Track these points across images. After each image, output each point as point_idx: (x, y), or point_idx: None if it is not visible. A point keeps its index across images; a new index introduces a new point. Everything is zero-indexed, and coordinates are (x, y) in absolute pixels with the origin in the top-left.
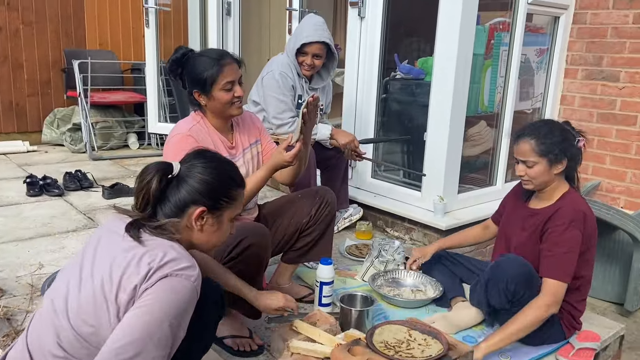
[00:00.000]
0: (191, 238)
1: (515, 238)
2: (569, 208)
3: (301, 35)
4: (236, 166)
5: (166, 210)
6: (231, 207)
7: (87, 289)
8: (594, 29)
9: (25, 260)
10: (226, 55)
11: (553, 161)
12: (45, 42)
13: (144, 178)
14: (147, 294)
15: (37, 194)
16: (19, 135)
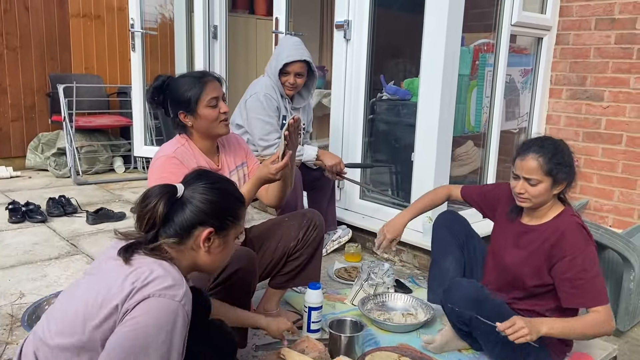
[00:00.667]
0: (196, 259)
1: (508, 257)
2: (574, 227)
3: (282, 55)
4: (237, 185)
5: (170, 232)
6: (237, 225)
7: (72, 307)
8: (576, 50)
9: (6, 290)
10: (207, 74)
11: (556, 181)
12: (30, 67)
13: (149, 202)
14: (130, 316)
15: (19, 221)
16: (2, 161)
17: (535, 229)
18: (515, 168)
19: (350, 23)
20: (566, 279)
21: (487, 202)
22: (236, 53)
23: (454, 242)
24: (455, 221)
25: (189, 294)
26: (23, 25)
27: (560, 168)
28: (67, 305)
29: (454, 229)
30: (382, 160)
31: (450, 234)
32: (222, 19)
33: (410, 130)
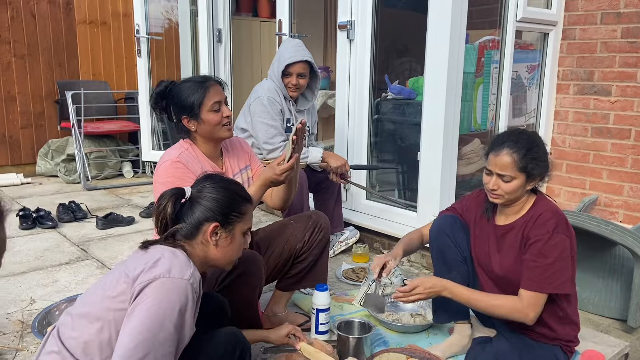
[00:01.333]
0: (207, 254)
1: (496, 265)
2: (549, 213)
3: (283, 57)
4: (242, 185)
5: (183, 231)
6: (242, 221)
7: (97, 287)
8: (583, 44)
9: (17, 296)
10: (209, 78)
11: (530, 177)
12: (38, 74)
13: (160, 204)
14: (143, 295)
15: (30, 227)
16: (13, 168)
17: (513, 226)
18: (488, 163)
19: (353, 23)
20: (524, 260)
21: (462, 218)
22: (241, 56)
23: (459, 256)
24: (458, 229)
25: (197, 274)
26: (30, 33)
27: (536, 164)
28: (94, 287)
29: (458, 239)
30: (388, 160)
31: (454, 245)
32: (226, 23)
33: (416, 129)
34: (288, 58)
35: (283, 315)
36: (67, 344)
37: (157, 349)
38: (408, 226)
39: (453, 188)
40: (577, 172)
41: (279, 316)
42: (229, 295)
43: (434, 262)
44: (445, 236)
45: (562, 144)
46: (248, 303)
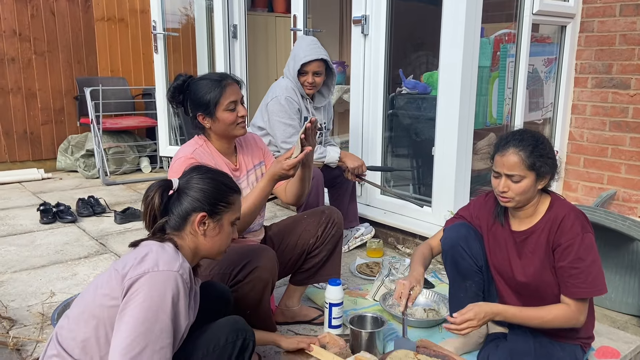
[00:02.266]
0: (197, 245)
1: (519, 273)
2: (572, 214)
3: (298, 56)
4: (230, 176)
5: (172, 223)
6: (229, 210)
7: (90, 288)
8: (602, 37)
9: (37, 289)
10: (227, 77)
11: (540, 175)
12: (58, 71)
13: (147, 196)
14: (134, 290)
15: (50, 222)
16: (34, 163)
17: (533, 230)
18: (495, 165)
19: (368, 18)
20: (562, 268)
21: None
22: (256, 52)
23: (474, 266)
24: (473, 239)
25: (186, 265)
26: (50, 30)
27: (544, 161)
28: (88, 288)
29: (473, 250)
30: (402, 155)
31: (469, 255)
32: (242, 18)
33: (431, 124)
34: (303, 57)
35: (296, 309)
36: (65, 346)
37: (155, 341)
38: (423, 221)
39: (468, 183)
40: (595, 166)
41: (292, 310)
42: (242, 290)
43: (448, 272)
44: (459, 247)
45: (579, 138)
46: (260, 297)
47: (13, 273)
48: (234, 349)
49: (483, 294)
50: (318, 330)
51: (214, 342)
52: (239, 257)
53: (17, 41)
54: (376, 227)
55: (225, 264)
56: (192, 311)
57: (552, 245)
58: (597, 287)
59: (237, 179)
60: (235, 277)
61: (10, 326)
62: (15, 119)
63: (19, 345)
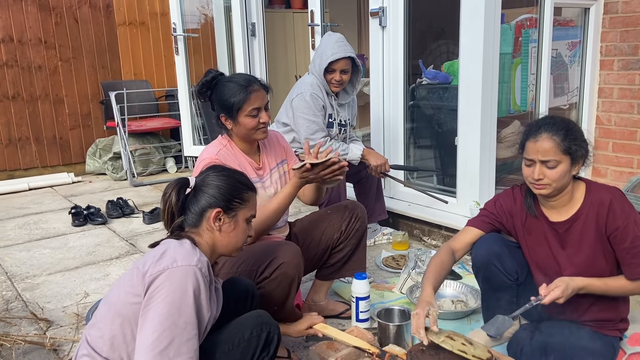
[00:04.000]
0: (214, 241)
1: (565, 263)
2: (618, 196)
3: (325, 54)
4: (246, 175)
5: (189, 220)
6: (244, 207)
7: (114, 288)
8: (626, 18)
9: (72, 290)
10: (254, 82)
11: (575, 159)
12: (83, 76)
13: (164, 194)
14: (154, 288)
15: (81, 224)
16: (64, 167)
17: (576, 218)
18: (527, 153)
19: (385, 10)
20: (624, 250)
21: (501, 224)
22: (275, 48)
23: (507, 282)
24: (506, 255)
25: (204, 259)
26: (74, 37)
27: (578, 144)
28: (113, 287)
29: (506, 266)
30: (425, 147)
31: (502, 272)
32: (260, 16)
33: (453, 114)
34: (331, 55)
35: (324, 304)
36: (94, 345)
37: (181, 334)
38: (448, 212)
39: (493, 172)
40: (624, 150)
41: (319, 305)
42: (269, 286)
43: (481, 286)
44: (492, 266)
45: (607, 122)
46: (287, 293)
47: (48, 275)
48: (259, 342)
49: (516, 299)
50: (346, 325)
51: (239, 336)
52: (265, 254)
53: (43, 49)
54: (401, 219)
55: (252, 260)
56: (214, 304)
57: (607, 231)
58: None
59: (261, 178)
60: (262, 274)
61: (47, 327)
62: (45, 125)
63: (56, 346)
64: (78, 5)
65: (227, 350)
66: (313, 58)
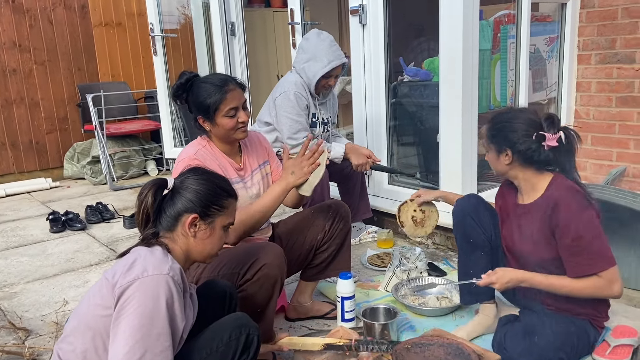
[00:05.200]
0: (188, 247)
1: (518, 243)
2: (567, 194)
3: (322, 60)
4: (228, 180)
5: (164, 223)
6: (222, 214)
7: (83, 301)
8: (603, 12)
9: (50, 298)
10: (229, 81)
11: (499, 150)
12: (59, 79)
13: (141, 193)
14: (126, 298)
15: (60, 230)
16: (41, 173)
17: (531, 207)
18: None
19: (365, 7)
20: (564, 247)
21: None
22: (255, 48)
23: (483, 235)
24: (483, 210)
25: (176, 266)
26: (49, 40)
27: (498, 136)
28: (82, 300)
29: (482, 220)
30: (408, 144)
31: (478, 226)
32: (239, 15)
33: (434, 111)
34: (328, 63)
35: (309, 305)
36: (66, 359)
37: (154, 345)
38: None
39: (475, 168)
40: (603, 143)
41: (304, 306)
42: (252, 288)
43: (458, 242)
44: (469, 218)
45: (586, 116)
46: (270, 295)
47: (26, 284)
48: (238, 345)
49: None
50: (331, 325)
51: (217, 340)
52: (247, 256)
53: (18, 52)
54: (386, 217)
55: (234, 263)
56: (190, 311)
57: (550, 226)
58: (601, 262)
59: (242, 179)
60: (244, 276)
61: (26, 336)
62: (20, 130)
63: (35, 355)
64: (52, 7)
65: (206, 356)
66: (299, 57)
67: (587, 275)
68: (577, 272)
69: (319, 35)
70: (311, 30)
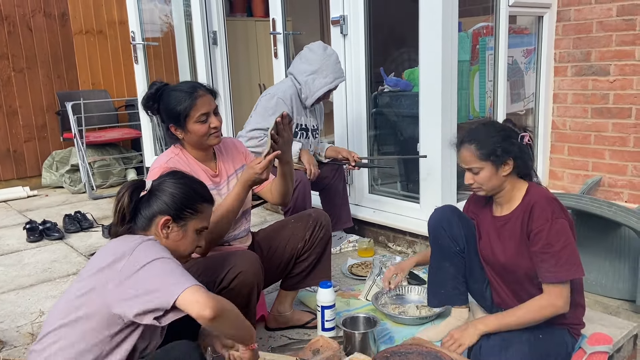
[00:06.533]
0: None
1: (500, 254)
2: (543, 201)
3: (328, 76)
4: (205, 185)
5: (139, 223)
6: (196, 218)
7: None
8: (579, 25)
9: (26, 309)
10: (199, 88)
11: (497, 163)
12: (38, 87)
13: (118, 193)
14: (131, 264)
15: (37, 240)
16: (19, 181)
17: (511, 216)
18: (458, 161)
19: (346, 18)
20: (534, 253)
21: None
22: (237, 57)
23: (453, 248)
24: (456, 222)
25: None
26: (28, 46)
27: (495, 149)
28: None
29: (454, 232)
30: (388, 153)
31: (449, 237)
32: (221, 24)
33: (415, 121)
34: (333, 80)
35: (289, 314)
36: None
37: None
38: (412, 218)
39: (454, 178)
40: (579, 154)
41: (284, 315)
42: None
43: (432, 251)
44: (441, 229)
45: (562, 127)
46: (246, 303)
47: (1, 294)
48: None
49: (464, 278)
50: (312, 334)
51: None
52: (222, 265)
53: None
54: (366, 226)
55: (210, 272)
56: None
57: (527, 232)
58: (569, 270)
59: (217, 185)
60: (220, 284)
61: (0, 348)
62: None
63: None
64: (32, 14)
65: None
66: (302, 68)
67: (553, 282)
68: (545, 279)
69: (326, 49)
70: (317, 43)
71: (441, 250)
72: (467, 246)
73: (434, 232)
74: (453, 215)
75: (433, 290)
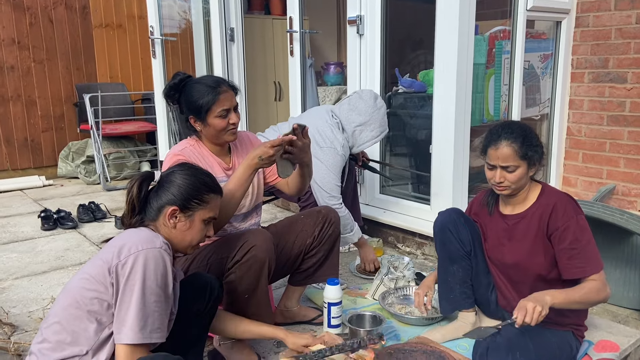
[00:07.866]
0: (169, 236)
1: (509, 255)
2: (564, 199)
3: (376, 130)
4: (213, 176)
5: (149, 213)
6: (203, 208)
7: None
8: (597, 32)
9: (38, 295)
10: (222, 83)
11: (531, 164)
12: (57, 78)
13: (128, 185)
14: (123, 273)
15: (51, 228)
16: (35, 171)
17: (526, 214)
18: (489, 158)
19: (363, 18)
20: (562, 250)
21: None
22: (254, 54)
23: (461, 250)
24: (462, 225)
25: (166, 244)
26: (48, 38)
27: (534, 150)
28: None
29: (461, 234)
30: (401, 154)
31: (456, 240)
32: (239, 21)
33: (428, 122)
34: (382, 132)
35: (296, 310)
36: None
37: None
38: (422, 219)
39: (466, 180)
40: (593, 161)
41: (291, 311)
42: (241, 269)
43: (438, 255)
44: (447, 231)
45: (577, 133)
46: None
47: (15, 280)
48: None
49: (471, 281)
50: (317, 330)
51: None
52: (236, 241)
53: (16, 49)
54: (376, 226)
55: (223, 248)
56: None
57: (548, 231)
58: (598, 262)
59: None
60: (234, 258)
61: (12, 332)
62: (16, 127)
63: (20, 351)
64: (53, 5)
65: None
66: (351, 117)
67: (582, 277)
68: (573, 275)
69: (376, 100)
70: (368, 91)
71: (449, 253)
72: (474, 248)
73: (441, 235)
74: (459, 217)
75: (445, 296)
